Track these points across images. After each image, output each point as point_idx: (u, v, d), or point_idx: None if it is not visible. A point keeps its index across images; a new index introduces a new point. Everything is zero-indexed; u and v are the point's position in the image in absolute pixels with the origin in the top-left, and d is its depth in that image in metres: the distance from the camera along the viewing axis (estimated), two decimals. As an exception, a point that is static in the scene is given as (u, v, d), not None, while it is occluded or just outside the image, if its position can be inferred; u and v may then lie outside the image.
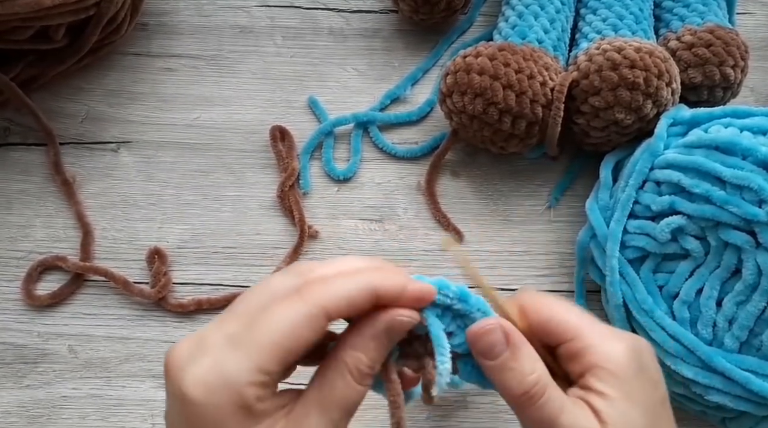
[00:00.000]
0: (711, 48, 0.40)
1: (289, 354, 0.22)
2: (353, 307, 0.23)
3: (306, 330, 0.22)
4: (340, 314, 0.23)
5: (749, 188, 0.32)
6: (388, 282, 0.24)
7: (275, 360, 0.22)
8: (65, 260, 0.40)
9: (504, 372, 0.25)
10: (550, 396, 0.25)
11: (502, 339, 0.25)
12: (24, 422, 0.38)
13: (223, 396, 0.22)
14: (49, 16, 0.39)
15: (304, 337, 0.22)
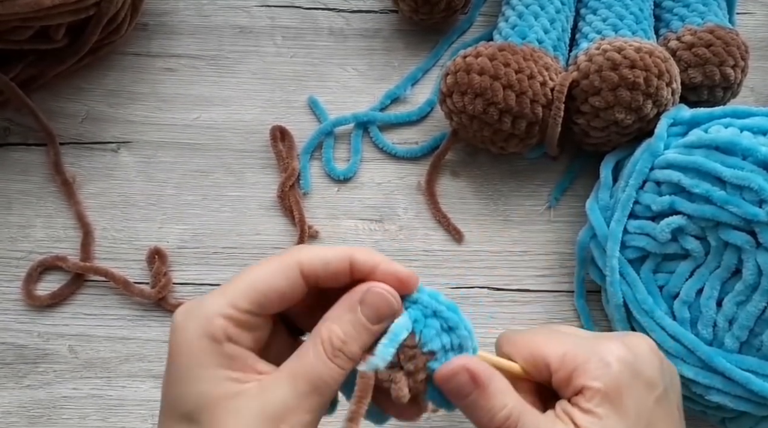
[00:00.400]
0: (711, 48, 0.40)
1: (260, 295, 0.24)
2: (327, 265, 0.24)
3: (278, 276, 0.24)
4: (315, 270, 0.24)
5: (749, 188, 0.32)
6: (365, 254, 0.25)
7: (245, 297, 0.24)
8: (65, 260, 0.40)
9: (475, 411, 0.25)
10: (524, 424, 0.25)
11: (468, 379, 0.25)
12: (24, 422, 0.38)
13: (194, 321, 0.23)
14: (49, 16, 0.39)
15: (275, 281, 0.24)
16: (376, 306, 0.24)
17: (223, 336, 0.23)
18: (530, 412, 0.25)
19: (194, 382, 0.23)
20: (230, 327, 0.23)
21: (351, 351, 0.24)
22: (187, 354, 0.23)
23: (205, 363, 0.23)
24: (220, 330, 0.23)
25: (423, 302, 0.25)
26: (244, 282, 0.24)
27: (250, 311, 0.24)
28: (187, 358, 0.23)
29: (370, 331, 0.24)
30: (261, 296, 0.24)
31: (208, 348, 0.23)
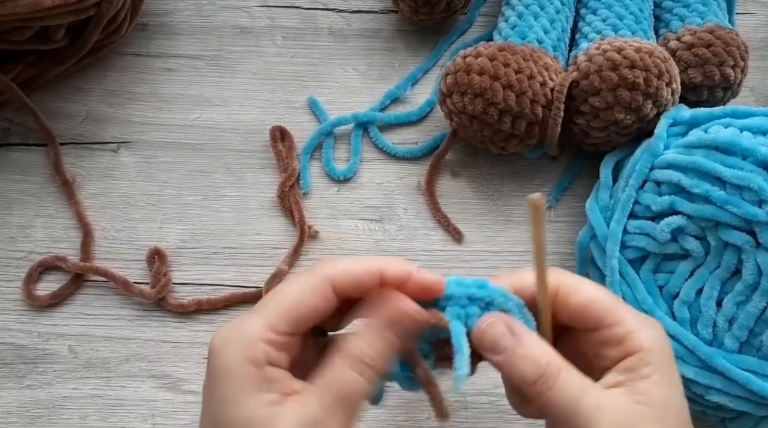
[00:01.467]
0: (711, 48, 0.40)
1: (297, 317, 0.24)
2: (358, 282, 0.25)
3: (312, 296, 0.25)
4: (346, 287, 0.25)
5: (749, 188, 0.32)
6: (394, 266, 0.25)
7: (284, 320, 0.24)
8: (65, 260, 0.40)
9: (514, 362, 0.25)
10: (568, 378, 0.25)
11: (506, 330, 0.25)
12: (24, 422, 0.38)
13: (235, 346, 0.24)
14: (49, 17, 0.39)
15: (310, 301, 0.25)
16: (400, 323, 0.25)
17: (264, 361, 0.24)
18: (574, 371, 0.25)
19: (237, 407, 0.23)
20: (271, 351, 0.24)
21: (379, 365, 0.24)
22: (229, 380, 0.24)
23: (246, 388, 0.23)
24: (262, 354, 0.24)
25: (456, 295, 0.26)
26: (280, 304, 0.25)
27: (288, 333, 0.24)
28: (228, 384, 0.24)
29: (394, 344, 0.25)
30: (298, 318, 0.24)
31: (250, 373, 0.23)
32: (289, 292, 0.25)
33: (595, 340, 0.27)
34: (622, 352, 0.26)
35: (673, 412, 0.25)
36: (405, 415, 0.38)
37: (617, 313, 0.26)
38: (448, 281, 0.26)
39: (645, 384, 0.25)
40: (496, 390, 0.39)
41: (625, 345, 0.26)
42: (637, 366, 0.25)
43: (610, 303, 0.27)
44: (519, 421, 0.38)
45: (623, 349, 0.26)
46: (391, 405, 0.38)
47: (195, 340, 0.40)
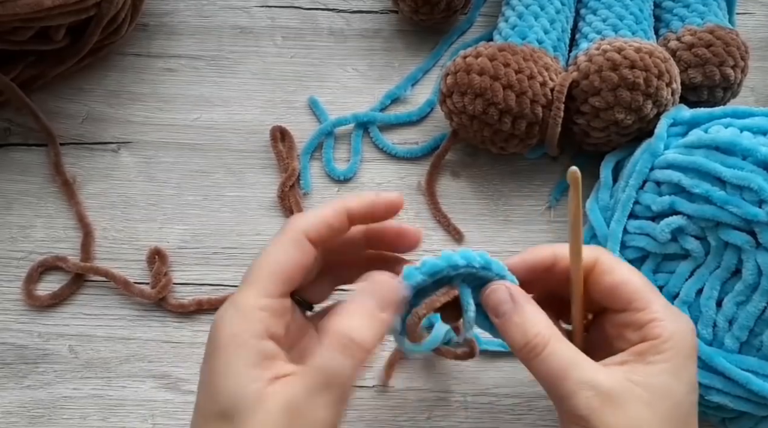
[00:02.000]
0: (711, 48, 0.40)
1: (285, 275, 0.25)
2: (330, 226, 0.26)
3: (293, 252, 0.25)
4: (320, 234, 0.26)
5: (749, 188, 0.32)
6: (357, 199, 0.27)
7: (274, 282, 0.25)
8: (66, 260, 0.40)
9: (509, 326, 0.27)
10: (556, 349, 0.26)
11: (507, 297, 0.27)
12: (25, 422, 0.38)
13: (233, 319, 0.24)
14: (50, 17, 0.39)
15: (293, 258, 0.25)
16: (381, 294, 0.25)
17: (264, 331, 0.24)
18: (566, 344, 0.26)
19: (233, 379, 0.24)
20: (268, 318, 0.25)
21: (365, 343, 0.24)
22: (228, 352, 0.24)
23: (243, 361, 0.24)
24: (260, 324, 0.24)
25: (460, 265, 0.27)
26: (266, 268, 0.25)
27: (282, 295, 0.25)
28: (228, 355, 0.24)
29: (380, 319, 0.25)
30: (285, 276, 0.25)
31: (249, 345, 0.24)
32: (271, 254, 0.26)
33: (620, 321, 0.28)
34: (640, 337, 0.27)
35: (668, 403, 0.25)
36: (405, 415, 0.38)
37: (646, 299, 0.27)
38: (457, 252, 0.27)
39: (648, 369, 0.25)
40: (496, 390, 0.39)
41: (644, 331, 0.26)
42: (647, 353, 0.26)
43: (641, 289, 0.28)
44: (519, 421, 0.38)
45: (642, 334, 0.27)
46: (391, 404, 0.38)
47: (195, 340, 0.40)
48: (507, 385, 0.39)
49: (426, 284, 0.27)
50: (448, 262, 0.27)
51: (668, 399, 0.25)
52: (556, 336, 0.26)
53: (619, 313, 0.28)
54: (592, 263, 0.29)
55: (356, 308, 0.25)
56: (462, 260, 0.27)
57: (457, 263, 0.27)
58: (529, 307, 0.27)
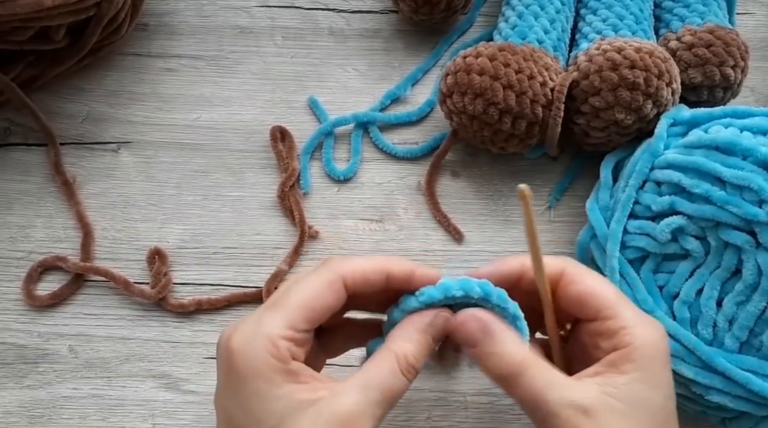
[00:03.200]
0: (711, 48, 0.40)
1: (314, 313, 0.26)
2: (367, 279, 0.27)
3: (327, 292, 0.26)
4: (356, 283, 0.27)
5: (749, 188, 0.32)
6: (398, 265, 0.27)
7: (302, 317, 0.25)
8: (65, 260, 0.40)
9: (484, 358, 0.27)
10: (533, 373, 0.26)
11: (477, 327, 0.27)
12: (25, 422, 0.38)
13: (258, 346, 0.25)
14: (50, 17, 0.39)
15: (326, 298, 0.26)
16: (441, 328, 0.27)
17: (289, 357, 0.25)
18: (543, 365, 0.26)
19: (272, 402, 0.24)
20: (292, 347, 0.25)
21: (419, 367, 0.27)
22: (258, 377, 0.24)
23: (277, 382, 0.24)
24: (286, 351, 0.25)
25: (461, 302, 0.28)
26: (297, 301, 0.26)
27: (306, 330, 0.26)
28: (258, 381, 0.24)
29: (432, 349, 0.27)
30: (315, 314, 0.26)
31: (277, 368, 0.25)
32: (305, 289, 0.26)
33: (592, 331, 0.28)
34: (612, 346, 0.26)
35: (645, 412, 0.25)
36: (405, 415, 0.38)
37: (615, 308, 0.27)
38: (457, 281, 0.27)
39: (620, 379, 0.26)
40: (496, 390, 0.39)
41: (616, 339, 0.26)
42: (619, 362, 0.26)
43: (610, 297, 0.27)
44: (519, 421, 0.38)
45: (614, 343, 0.26)
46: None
47: (195, 340, 0.40)
48: (507, 385, 0.39)
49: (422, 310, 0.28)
50: (445, 294, 0.27)
51: (643, 409, 0.25)
52: (531, 359, 0.26)
53: (591, 322, 0.28)
54: (559, 273, 0.28)
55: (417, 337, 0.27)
56: (459, 292, 0.27)
57: (454, 296, 0.27)
58: (501, 335, 0.27)
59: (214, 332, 0.40)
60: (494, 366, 0.26)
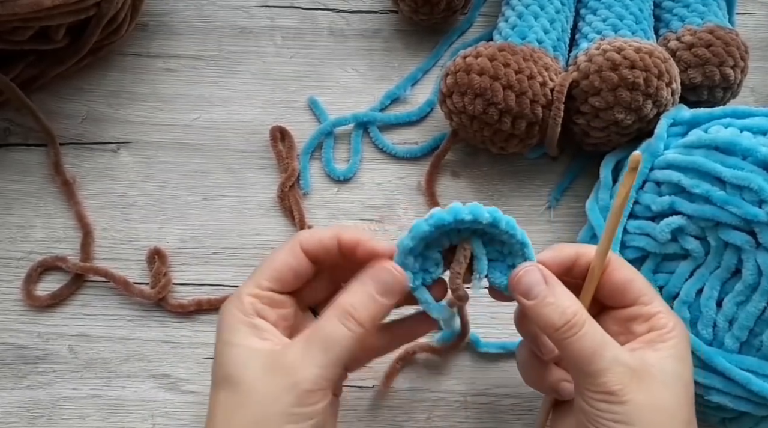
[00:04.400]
0: (711, 48, 0.40)
1: (275, 272, 0.29)
2: (322, 243, 0.29)
3: (287, 255, 0.29)
4: (312, 246, 0.29)
5: (749, 188, 0.32)
6: (348, 232, 0.29)
7: (264, 276, 0.29)
8: (65, 260, 0.40)
9: (544, 308, 0.28)
10: (590, 329, 0.27)
11: (540, 278, 0.28)
12: (24, 422, 0.38)
13: (230, 304, 0.29)
14: (50, 17, 0.39)
15: (286, 259, 0.29)
16: (383, 280, 0.28)
17: (252, 311, 0.28)
18: (597, 325, 0.28)
19: (231, 349, 0.27)
20: (257, 303, 0.28)
21: (360, 317, 0.27)
22: (226, 329, 0.28)
23: (240, 333, 0.28)
24: (249, 305, 0.28)
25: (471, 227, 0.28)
26: (264, 266, 0.29)
27: (270, 288, 0.29)
28: (226, 333, 0.28)
29: (379, 302, 0.28)
30: (277, 274, 0.29)
31: (241, 320, 0.28)
32: (270, 257, 0.30)
33: (625, 316, 0.30)
34: (647, 328, 0.29)
35: (681, 384, 0.27)
36: (405, 415, 0.38)
37: (651, 294, 0.29)
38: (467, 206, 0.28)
39: (657, 354, 0.27)
40: (496, 391, 0.39)
41: (651, 322, 0.29)
42: (654, 341, 0.28)
43: (646, 286, 0.30)
44: (519, 421, 0.38)
45: (649, 325, 0.29)
46: (390, 405, 0.38)
47: (195, 340, 0.40)
48: (507, 385, 0.39)
49: (432, 235, 0.28)
50: (454, 217, 0.27)
51: (679, 381, 0.27)
52: (585, 314, 0.28)
53: (626, 308, 0.30)
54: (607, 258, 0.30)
55: (357, 287, 0.28)
56: (469, 216, 0.27)
57: (463, 219, 0.27)
58: (561, 288, 0.28)
59: (214, 332, 0.40)
60: (551, 316, 0.27)
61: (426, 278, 0.30)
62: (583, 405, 0.27)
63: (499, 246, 0.30)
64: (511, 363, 0.39)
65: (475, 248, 0.29)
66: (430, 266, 0.30)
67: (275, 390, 0.26)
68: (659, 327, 0.28)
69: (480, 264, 0.29)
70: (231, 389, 0.27)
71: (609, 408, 0.26)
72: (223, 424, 0.26)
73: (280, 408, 0.26)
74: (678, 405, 0.27)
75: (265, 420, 0.26)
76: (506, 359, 0.39)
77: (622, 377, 0.26)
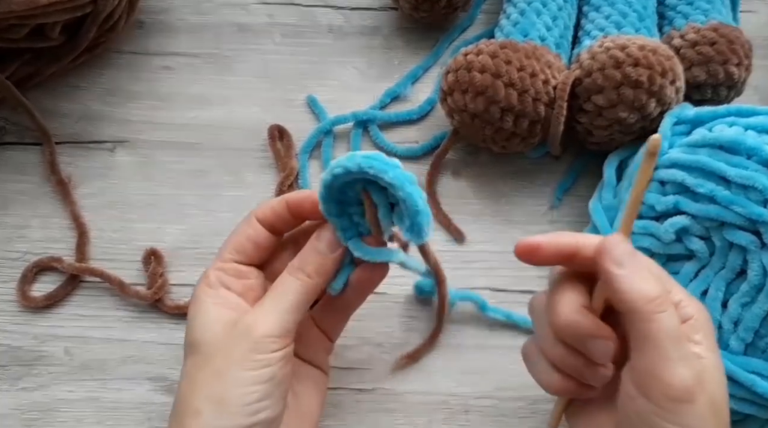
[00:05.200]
0: (715, 46, 0.40)
1: (236, 245, 0.31)
2: (274, 210, 0.32)
3: (244, 227, 0.32)
4: (266, 215, 0.32)
5: (754, 187, 0.32)
6: (295, 195, 0.32)
7: (227, 250, 0.32)
8: (61, 261, 0.40)
9: (636, 278, 0.26)
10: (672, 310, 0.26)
11: (630, 249, 0.27)
12: (19, 425, 0.37)
13: (201, 281, 0.31)
14: (45, 14, 0.39)
15: (244, 232, 0.32)
16: (326, 238, 0.31)
17: (218, 283, 0.30)
18: None
19: (196, 319, 0.30)
20: (222, 276, 0.31)
21: (308, 270, 0.30)
22: (193, 303, 0.30)
23: (205, 303, 0.30)
24: (215, 279, 0.31)
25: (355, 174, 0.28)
26: (226, 241, 0.32)
27: (234, 260, 0.31)
28: (193, 306, 0.30)
29: (325, 256, 0.31)
30: (238, 246, 0.31)
31: (207, 292, 0.30)
32: (232, 232, 0.32)
33: None
34: None
35: (721, 374, 0.26)
36: (405, 419, 0.38)
37: (669, 283, 0.28)
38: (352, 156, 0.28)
39: (698, 348, 0.26)
40: (497, 393, 0.38)
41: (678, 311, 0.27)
42: (689, 333, 0.26)
43: (664, 273, 0.28)
44: (522, 425, 0.38)
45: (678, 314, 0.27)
46: (390, 408, 0.38)
47: (192, 342, 0.39)
48: (510, 388, 0.38)
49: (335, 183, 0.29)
50: (332, 173, 0.28)
51: (720, 371, 0.26)
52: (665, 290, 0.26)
53: None
54: None
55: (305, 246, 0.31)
56: (339, 169, 0.28)
57: (336, 174, 0.28)
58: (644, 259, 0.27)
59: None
60: (652, 287, 0.25)
61: (357, 230, 0.31)
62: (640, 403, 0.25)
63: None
64: (513, 365, 0.39)
65: (373, 196, 0.29)
66: (357, 218, 0.31)
67: (233, 342, 0.28)
68: (686, 318, 0.27)
69: (381, 212, 0.29)
70: (196, 352, 0.29)
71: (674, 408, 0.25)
72: (189, 384, 0.28)
73: (238, 355, 0.28)
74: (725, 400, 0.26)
75: (225, 369, 0.28)
76: (507, 359, 0.39)
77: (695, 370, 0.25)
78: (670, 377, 0.25)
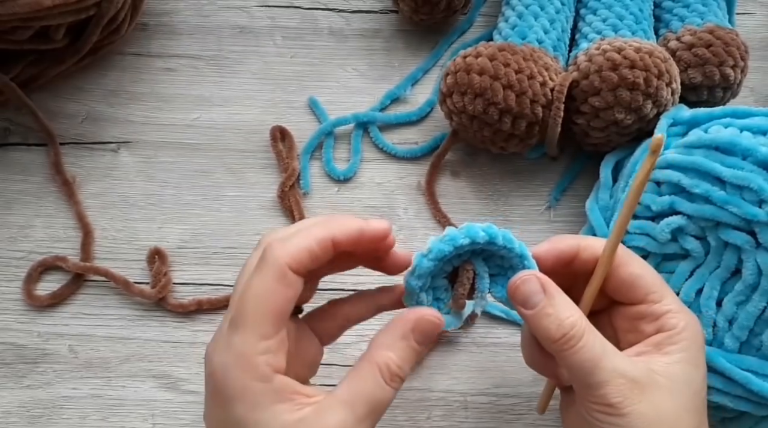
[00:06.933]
0: (711, 48, 0.40)
1: (276, 315, 0.24)
2: (313, 255, 0.25)
3: (279, 288, 0.24)
4: (304, 266, 0.25)
5: (749, 188, 0.32)
6: (343, 228, 0.26)
7: (266, 323, 0.24)
8: (65, 260, 0.40)
9: (542, 319, 0.26)
10: (590, 340, 0.26)
11: (539, 288, 0.27)
12: (24, 422, 0.38)
13: (237, 369, 0.24)
14: (50, 16, 0.39)
15: (281, 295, 0.24)
16: (426, 332, 0.26)
17: (270, 372, 0.24)
18: (597, 334, 0.27)
19: (265, 418, 0.24)
20: (270, 359, 0.24)
21: (405, 373, 0.26)
22: (241, 402, 0.24)
23: (261, 405, 0.24)
24: (266, 367, 0.24)
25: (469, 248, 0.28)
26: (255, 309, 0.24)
27: (277, 333, 0.25)
28: (242, 406, 0.24)
29: (419, 352, 0.26)
30: (277, 314, 0.25)
31: (260, 390, 0.24)
32: (257, 292, 0.25)
33: (633, 314, 0.28)
34: (655, 328, 0.27)
35: (689, 390, 0.26)
36: (405, 415, 0.38)
37: (661, 292, 0.28)
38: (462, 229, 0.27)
39: (665, 359, 0.26)
40: (496, 390, 0.39)
41: (660, 322, 0.27)
42: (663, 343, 0.27)
43: (657, 282, 0.28)
44: (519, 421, 0.38)
45: (658, 326, 0.27)
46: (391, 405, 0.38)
47: (195, 340, 0.40)
48: (507, 385, 0.39)
49: (436, 268, 0.28)
50: (453, 245, 0.27)
51: (688, 387, 0.26)
52: (589, 327, 0.27)
53: (634, 306, 0.28)
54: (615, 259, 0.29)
55: (400, 343, 0.26)
56: (466, 240, 0.27)
57: (462, 244, 0.27)
58: (560, 297, 0.27)
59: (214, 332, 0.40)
60: (549, 328, 0.26)
61: (440, 307, 0.29)
62: (585, 415, 0.27)
63: (499, 261, 0.29)
64: (511, 362, 0.39)
65: (477, 267, 0.29)
66: (441, 294, 0.29)
67: None
68: (668, 328, 0.27)
69: (482, 282, 0.29)
70: None
71: (609, 420, 0.25)
72: None
73: None
74: (684, 411, 0.26)
75: None
76: (506, 358, 0.39)
77: (622, 389, 0.25)
78: (594, 397, 0.26)
